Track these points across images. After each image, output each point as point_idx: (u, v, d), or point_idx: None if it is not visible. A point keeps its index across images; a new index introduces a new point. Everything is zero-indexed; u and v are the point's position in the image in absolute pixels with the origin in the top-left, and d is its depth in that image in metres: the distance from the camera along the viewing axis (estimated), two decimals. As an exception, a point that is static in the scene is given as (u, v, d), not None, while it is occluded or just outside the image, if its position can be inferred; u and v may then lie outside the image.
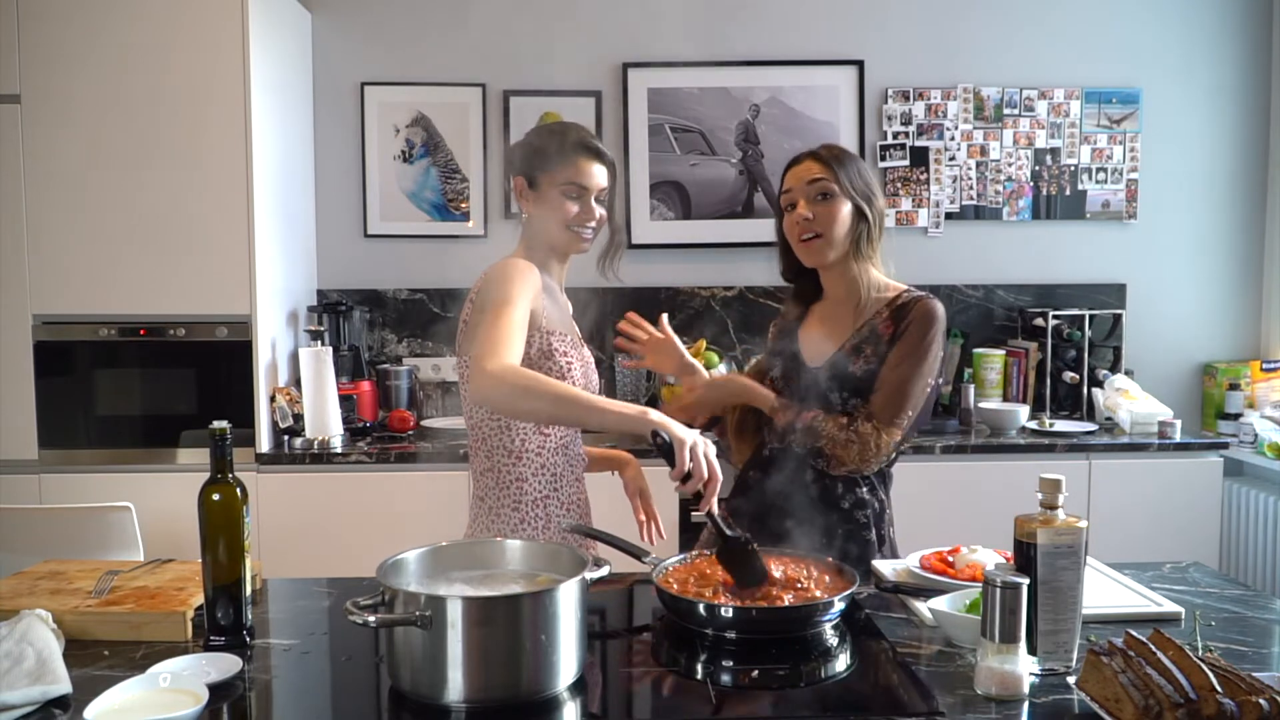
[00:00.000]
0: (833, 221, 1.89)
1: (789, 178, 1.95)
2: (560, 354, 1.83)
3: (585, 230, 1.88)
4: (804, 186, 1.91)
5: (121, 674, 1.33)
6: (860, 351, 1.90)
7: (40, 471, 3.03)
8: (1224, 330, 3.83)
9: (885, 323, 1.91)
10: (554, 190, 1.86)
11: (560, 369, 1.83)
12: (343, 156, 3.67)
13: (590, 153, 1.87)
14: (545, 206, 1.87)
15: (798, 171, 1.94)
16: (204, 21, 2.96)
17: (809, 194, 1.90)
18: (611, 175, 1.91)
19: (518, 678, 1.28)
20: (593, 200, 1.87)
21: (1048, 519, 1.36)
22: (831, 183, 1.89)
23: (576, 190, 1.86)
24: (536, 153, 1.89)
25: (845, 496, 1.90)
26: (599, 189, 1.88)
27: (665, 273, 3.71)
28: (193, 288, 3.02)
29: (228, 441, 1.48)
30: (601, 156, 1.89)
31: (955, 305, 3.75)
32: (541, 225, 1.89)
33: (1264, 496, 3.35)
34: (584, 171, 1.86)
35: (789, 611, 1.48)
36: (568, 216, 1.86)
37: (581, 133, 1.91)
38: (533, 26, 3.64)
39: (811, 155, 1.94)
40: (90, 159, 2.98)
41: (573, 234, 1.88)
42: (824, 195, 1.89)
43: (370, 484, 3.06)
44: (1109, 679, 1.20)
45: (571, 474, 1.93)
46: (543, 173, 1.87)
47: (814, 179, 1.90)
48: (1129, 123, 3.74)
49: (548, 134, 1.91)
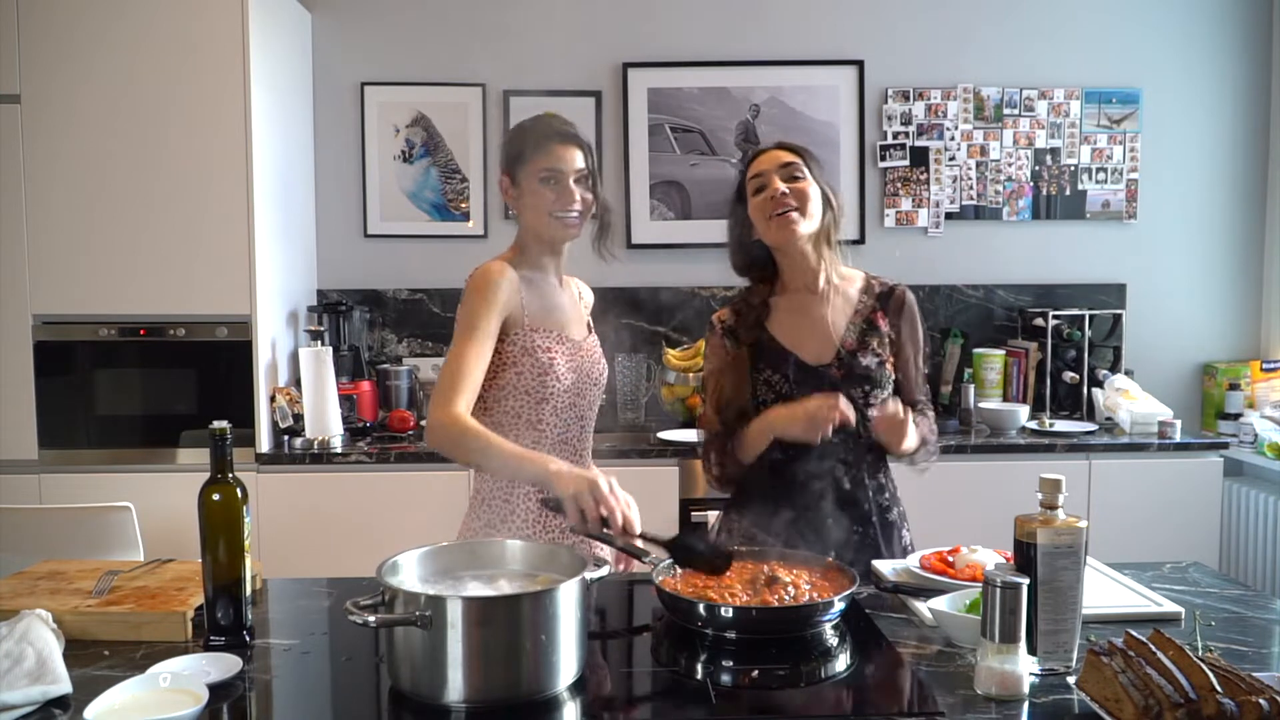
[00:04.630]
0: (807, 198, 1.89)
1: (756, 164, 1.94)
2: (542, 350, 1.84)
3: (569, 216, 1.87)
4: (776, 168, 1.90)
5: (121, 674, 1.33)
6: (866, 345, 1.92)
7: (40, 471, 3.03)
8: (1224, 330, 3.83)
9: (874, 312, 1.95)
10: (533, 181, 1.87)
11: (541, 365, 1.84)
12: (343, 156, 3.67)
13: (560, 137, 1.87)
14: (527, 199, 1.88)
15: (766, 158, 1.93)
16: (204, 21, 2.96)
17: (782, 175, 1.90)
18: (588, 157, 1.90)
19: (518, 678, 1.28)
20: (570, 183, 1.86)
21: (1048, 519, 1.36)
22: (803, 167, 1.91)
23: (552, 176, 1.85)
24: (513, 148, 1.91)
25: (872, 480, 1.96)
26: (575, 171, 1.87)
27: (665, 273, 3.71)
28: (193, 288, 3.02)
29: (228, 441, 1.48)
30: (572, 139, 1.88)
31: (955, 305, 3.75)
32: (528, 219, 1.90)
33: (1264, 496, 3.35)
34: (555, 156, 1.86)
35: (789, 611, 1.48)
36: (548, 204, 1.86)
37: (552, 120, 1.91)
38: (533, 26, 3.64)
39: (779, 145, 1.96)
40: (90, 159, 2.98)
41: (557, 221, 1.87)
42: (795, 178, 1.90)
43: (370, 484, 3.06)
44: (1109, 679, 1.20)
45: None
46: (520, 166, 1.88)
47: (786, 163, 1.91)
48: (1129, 123, 3.75)
49: (520, 130, 1.93)
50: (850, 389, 1.88)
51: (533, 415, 1.87)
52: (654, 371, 3.62)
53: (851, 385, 1.88)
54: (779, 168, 1.90)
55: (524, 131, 1.92)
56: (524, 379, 1.85)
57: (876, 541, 1.94)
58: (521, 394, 1.86)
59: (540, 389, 1.85)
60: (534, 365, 1.85)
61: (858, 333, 1.92)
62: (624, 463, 3.10)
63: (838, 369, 1.90)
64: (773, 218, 1.88)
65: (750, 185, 1.93)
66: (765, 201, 1.89)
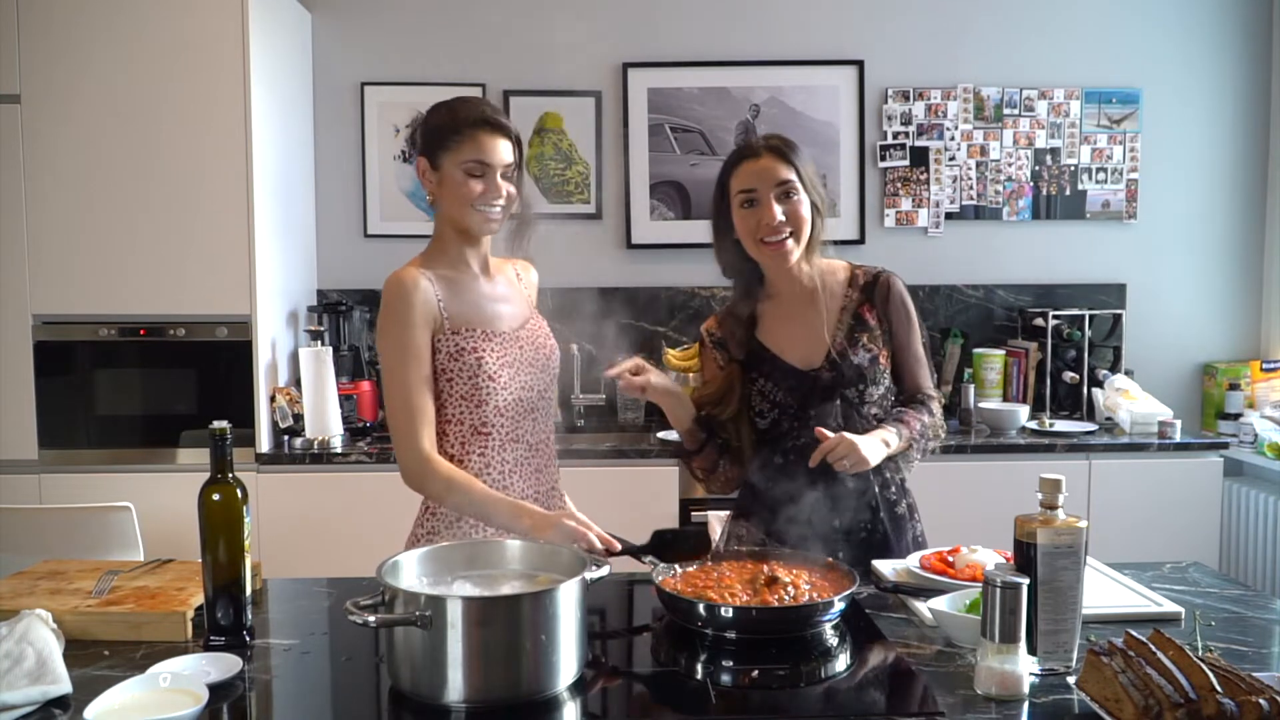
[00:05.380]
0: (802, 222, 1.84)
1: (748, 175, 1.84)
2: (468, 351, 1.78)
3: (492, 210, 1.79)
4: (771, 187, 1.83)
5: (121, 674, 1.34)
6: (856, 341, 1.90)
7: (40, 471, 3.03)
8: (1224, 330, 3.83)
9: (860, 306, 1.92)
10: (457, 171, 1.77)
11: (470, 367, 1.78)
12: (343, 156, 3.67)
13: (491, 127, 1.77)
14: (448, 187, 1.79)
15: (758, 169, 1.84)
16: (204, 21, 2.96)
17: (777, 194, 1.83)
18: (517, 149, 1.81)
19: (518, 678, 1.28)
20: (498, 177, 1.78)
21: (1048, 519, 1.36)
22: (796, 181, 1.84)
23: (479, 168, 1.76)
24: (436, 131, 1.80)
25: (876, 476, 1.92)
26: (503, 165, 1.78)
27: (665, 273, 3.71)
28: (193, 288, 3.02)
29: (228, 441, 1.48)
30: (502, 130, 1.79)
31: (955, 305, 3.75)
32: (447, 208, 1.81)
33: (1264, 496, 3.35)
34: (485, 147, 1.76)
35: (789, 611, 1.48)
36: (472, 195, 1.77)
37: (482, 106, 1.81)
38: (533, 26, 3.64)
39: (769, 151, 1.85)
40: (90, 159, 2.98)
41: (479, 214, 1.79)
42: (790, 195, 1.83)
43: (370, 484, 3.06)
44: (1109, 679, 1.20)
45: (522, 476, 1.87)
46: (444, 152, 1.78)
47: (781, 180, 1.82)
48: (1129, 123, 3.74)
49: (446, 110, 1.81)
50: (843, 389, 1.88)
51: (475, 420, 1.81)
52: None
53: (844, 386, 1.88)
54: (774, 186, 1.82)
55: (451, 114, 1.80)
56: (457, 385, 1.79)
57: (886, 536, 1.92)
58: (459, 400, 1.80)
59: (475, 392, 1.79)
60: (463, 369, 1.78)
61: (846, 330, 1.91)
62: (624, 463, 3.10)
63: (828, 370, 1.89)
64: (763, 243, 1.84)
65: (738, 197, 1.85)
66: (757, 225, 1.84)
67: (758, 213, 1.84)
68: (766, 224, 1.83)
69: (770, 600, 1.50)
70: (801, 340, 1.91)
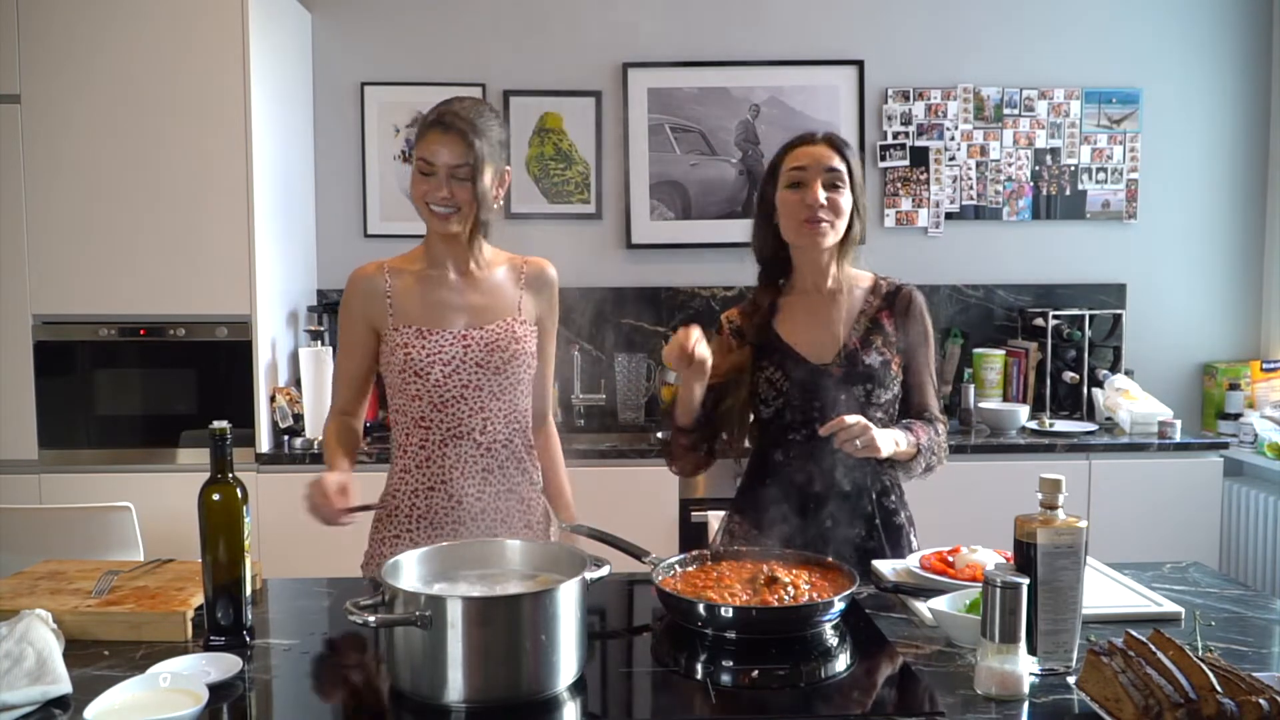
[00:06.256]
0: (842, 212, 1.87)
1: (802, 155, 1.87)
2: (399, 347, 1.84)
3: (440, 209, 1.79)
4: (821, 171, 1.85)
5: (121, 674, 1.34)
6: (870, 343, 1.90)
7: (40, 471, 3.03)
8: (1224, 330, 3.83)
9: (880, 312, 1.93)
10: (414, 168, 1.82)
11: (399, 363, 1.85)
12: (343, 156, 3.67)
13: (443, 127, 1.77)
14: (411, 185, 1.84)
15: (813, 153, 1.87)
16: (204, 21, 2.96)
17: (825, 180, 1.85)
18: (470, 150, 1.76)
19: (518, 678, 1.28)
20: (445, 176, 1.77)
21: (1048, 519, 1.37)
22: (846, 175, 1.87)
23: (427, 166, 1.78)
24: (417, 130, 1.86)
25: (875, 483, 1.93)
26: (449, 165, 1.77)
27: (665, 273, 3.70)
28: (193, 288, 3.02)
29: (228, 441, 1.48)
30: (454, 129, 1.76)
31: (955, 305, 3.75)
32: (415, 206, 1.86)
33: (1264, 496, 3.35)
34: (432, 146, 1.78)
35: (789, 611, 1.48)
36: (419, 193, 1.80)
37: (442, 107, 1.82)
38: (533, 26, 3.64)
39: (826, 141, 1.89)
40: (90, 159, 2.98)
41: (429, 211, 1.81)
42: (836, 186, 1.86)
43: (370, 484, 3.04)
44: (1109, 679, 1.20)
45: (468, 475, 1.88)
46: (414, 150, 1.84)
47: (831, 168, 1.85)
48: (1129, 123, 3.74)
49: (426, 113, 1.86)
50: (851, 387, 1.87)
51: (415, 412, 1.87)
52: (654, 371, 3.62)
53: (853, 384, 1.88)
54: (824, 171, 1.86)
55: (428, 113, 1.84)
56: (390, 377, 1.89)
57: (881, 545, 1.92)
58: (398, 392, 1.89)
59: (406, 385, 1.86)
60: (393, 363, 1.86)
61: (862, 331, 1.92)
62: (624, 463, 3.10)
63: (838, 367, 1.89)
64: (804, 223, 1.86)
65: (787, 174, 1.88)
66: (799, 204, 1.86)
67: (802, 193, 1.86)
68: (809, 204, 1.85)
69: (770, 600, 1.50)
70: (817, 336, 1.93)
